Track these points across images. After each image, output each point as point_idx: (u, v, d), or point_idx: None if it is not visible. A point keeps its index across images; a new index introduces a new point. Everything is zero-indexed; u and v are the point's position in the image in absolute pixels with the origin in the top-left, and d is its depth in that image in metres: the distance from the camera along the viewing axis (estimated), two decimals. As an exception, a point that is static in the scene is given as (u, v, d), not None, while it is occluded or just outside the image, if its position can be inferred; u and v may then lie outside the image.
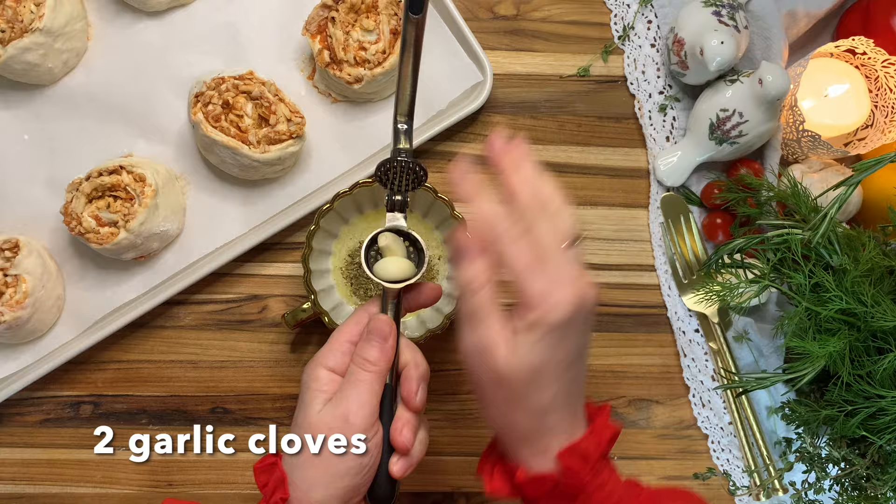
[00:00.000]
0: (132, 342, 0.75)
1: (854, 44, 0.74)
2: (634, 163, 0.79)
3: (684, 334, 0.77)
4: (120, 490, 0.74)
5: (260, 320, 0.76)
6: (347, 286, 0.74)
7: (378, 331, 0.56)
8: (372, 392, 0.55)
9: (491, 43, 0.79)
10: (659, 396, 0.77)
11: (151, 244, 0.71)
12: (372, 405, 0.55)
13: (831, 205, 0.64)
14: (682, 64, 0.74)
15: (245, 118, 0.70)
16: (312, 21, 0.72)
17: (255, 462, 0.57)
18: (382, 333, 0.56)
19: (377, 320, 0.56)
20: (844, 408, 0.65)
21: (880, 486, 0.65)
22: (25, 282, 0.68)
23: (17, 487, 0.74)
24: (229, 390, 0.75)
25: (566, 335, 0.49)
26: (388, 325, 0.56)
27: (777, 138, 0.75)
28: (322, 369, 0.56)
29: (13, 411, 0.74)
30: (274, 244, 0.76)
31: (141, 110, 0.74)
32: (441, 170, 0.78)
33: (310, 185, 0.75)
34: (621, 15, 0.80)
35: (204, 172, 0.75)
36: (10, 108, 0.74)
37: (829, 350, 0.63)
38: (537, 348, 0.49)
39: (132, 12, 0.75)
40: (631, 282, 0.78)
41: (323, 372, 0.56)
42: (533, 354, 0.49)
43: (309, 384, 0.56)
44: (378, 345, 0.56)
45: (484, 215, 0.52)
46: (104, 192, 0.69)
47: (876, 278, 0.65)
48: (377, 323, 0.56)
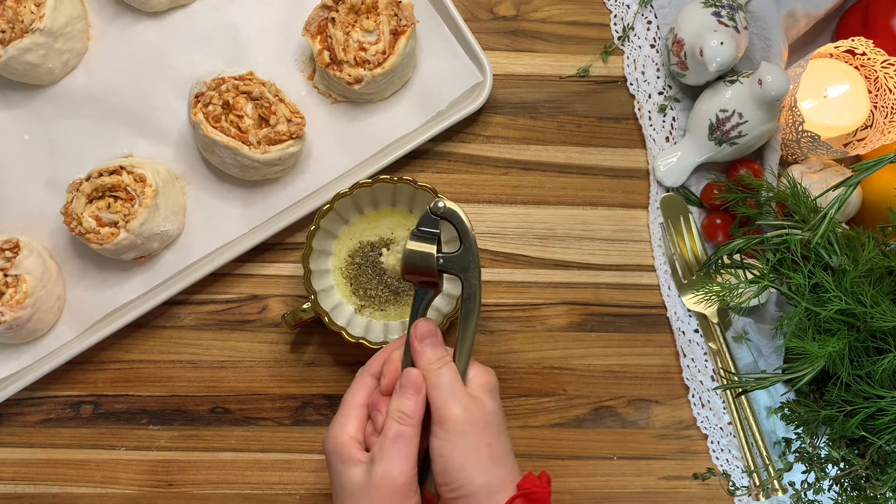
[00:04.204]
0: (132, 342, 0.75)
1: (854, 44, 0.74)
2: (634, 163, 0.79)
3: (684, 334, 0.77)
4: (120, 490, 0.74)
5: (260, 320, 0.76)
6: (347, 286, 0.74)
7: (412, 384, 0.58)
8: (414, 445, 0.57)
9: (491, 43, 0.79)
10: (658, 396, 0.77)
11: (152, 244, 0.71)
12: (414, 458, 0.56)
13: (831, 205, 0.64)
14: (682, 64, 0.74)
15: (245, 118, 0.70)
16: (312, 21, 0.72)
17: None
18: (416, 385, 0.58)
19: (410, 374, 0.58)
20: (844, 408, 0.65)
21: (880, 487, 0.65)
22: (26, 282, 0.68)
23: (17, 487, 0.74)
24: (229, 390, 0.75)
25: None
26: (420, 378, 0.58)
27: (776, 139, 0.75)
28: (347, 437, 0.58)
29: (13, 411, 0.74)
30: (274, 244, 0.76)
31: (141, 111, 0.74)
32: (441, 170, 0.78)
33: (310, 186, 0.75)
34: (621, 15, 0.80)
35: (204, 172, 0.75)
36: (11, 108, 0.74)
37: (828, 350, 0.64)
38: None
39: (132, 12, 0.75)
40: (630, 282, 0.78)
41: (349, 440, 0.57)
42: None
43: (339, 454, 0.57)
44: (413, 397, 0.57)
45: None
46: (104, 193, 0.69)
47: (875, 279, 0.65)
48: (410, 376, 0.58)
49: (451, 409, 0.56)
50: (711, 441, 0.77)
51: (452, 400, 0.57)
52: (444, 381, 0.57)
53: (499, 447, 0.58)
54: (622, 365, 0.77)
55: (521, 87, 0.79)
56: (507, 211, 0.78)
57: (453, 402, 0.57)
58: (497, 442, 0.58)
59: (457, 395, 0.57)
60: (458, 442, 0.56)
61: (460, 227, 0.60)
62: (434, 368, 0.58)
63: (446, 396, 0.57)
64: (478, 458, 0.56)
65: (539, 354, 0.77)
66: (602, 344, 0.78)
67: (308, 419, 0.75)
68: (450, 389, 0.57)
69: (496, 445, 0.58)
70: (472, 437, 0.56)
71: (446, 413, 0.56)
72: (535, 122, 0.79)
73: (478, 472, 0.56)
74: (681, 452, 0.77)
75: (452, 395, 0.57)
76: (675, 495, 0.77)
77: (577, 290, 0.78)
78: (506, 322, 0.77)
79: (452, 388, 0.57)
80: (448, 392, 0.57)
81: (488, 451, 0.57)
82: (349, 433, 0.58)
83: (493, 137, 0.79)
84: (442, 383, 0.57)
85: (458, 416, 0.56)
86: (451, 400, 0.57)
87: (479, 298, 0.60)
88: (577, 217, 0.78)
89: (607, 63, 0.80)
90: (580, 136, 0.79)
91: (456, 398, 0.57)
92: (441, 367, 0.58)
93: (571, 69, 0.80)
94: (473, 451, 0.56)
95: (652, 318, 0.78)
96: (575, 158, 0.79)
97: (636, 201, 0.79)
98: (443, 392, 0.57)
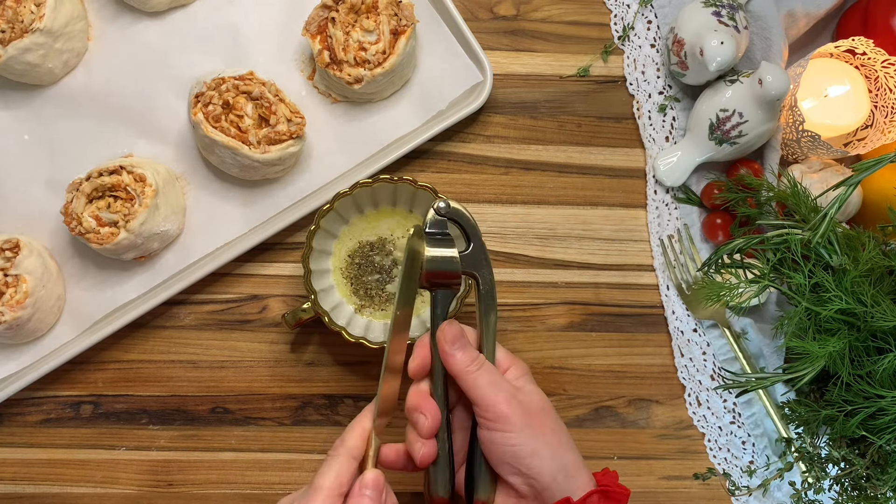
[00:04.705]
0: (132, 342, 0.75)
1: (854, 44, 0.74)
2: (634, 163, 0.79)
3: (682, 334, 0.77)
4: (120, 490, 0.74)
5: (260, 320, 0.76)
6: (347, 286, 0.74)
7: (373, 484, 0.54)
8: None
9: (491, 43, 0.79)
10: (659, 396, 0.77)
11: (152, 244, 0.71)
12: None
13: (831, 205, 0.64)
14: (682, 64, 0.74)
15: (245, 118, 0.70)
16: (312, 21, 0.72)
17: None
18: (378, 487, 0.54)
19: (369, 474, 0.55)
20: (844, 408, 0.65)
21: (880, 486, 0.65)
22: (26, 282, 0.68)
23: (17, 487, 0.74)
24: (229, 390, 0.75)
25: None
26: (381, 479, 0.55)
27: (777, 138, 0.75)
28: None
29: (13, 411, 0.74)
30: (274, 244, 0.76)
31: (141, 110, 0.74)
32: (441, 170, 0.78)
33: (310, 185, 0.75)
34: (621, 15, 0.80)
35: (204, 172, 0.75)
36: (11, 108, 0.74)
37: (828, 350, 0.63)
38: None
39: (132, 12, 0.75)
40: (631, 282, 0.78)
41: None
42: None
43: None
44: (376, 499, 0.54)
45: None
46: (104, 193, 0.69)
47: (876, 278, 0.65)
48: (366, 479, 0.55)
49: (504, 405, 0.55)
50: (708, 440, 0.77)
51: (502, 394, 0.56)
52: (487, 380, 0.56)
53: (561, 431, 0.57)
54: (622, 365, 0.77)
55: (522, 87, 0.79)
56: (508, 211, 0.78)
57: (504, 396, 0.55)
58: (557, 425, 0.57)
59: (505, 389, 0.56)
60: (523, 432, 0.55)
61: (468, 225, 0.60)
62: (472, 371, 0.56)
63: (495, 394, 0.55)
64: (547, 442, 0.55)
65: (539, 354, 0.77)
66: (602, 344, 0.77)
67: (308, 419, 0.75)
68: (495, 387, 0.56)
69: (558, 429, 0.57)
70: (534, 423, 0.56)
71: (501, 410, 0.55)
72: (536, 121, 0.79)
73: (551, 457, 0.55)
74: (681, 452, 0.77)
75: (500, 390, 0.56)
76: (676, 495, 0.77)
77: (578, 290, 0.78)
78: (506, 322, 0.77)
79: (497, 384, 0.56)
80: (495, 389, 0.56)
81: (555, 435, 0.56)
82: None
83: (493, 137, 0.79)
84: (485, 382, 0.56)
85: (514, 409, 0.55)
86: (500, 395, 0.56)
87: (495, 294, 0.60)
88: (577, 217, 0.78)
89: (607, 63, 0.80)
90: (580, 135, 0.79)
91: (505, 392, 0.56)
92: (478, 368, 0.57)
93: (571, 69, 0.80)
94: (540, 435, 0.55)
95: (652, 317, 0.78)
96: (575, 158, 0.79)
97: (636, 201, 0.79)
98: (489, 391, 0.56)
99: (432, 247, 0.59)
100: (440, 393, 0.58)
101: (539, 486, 0.55)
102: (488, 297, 0.60)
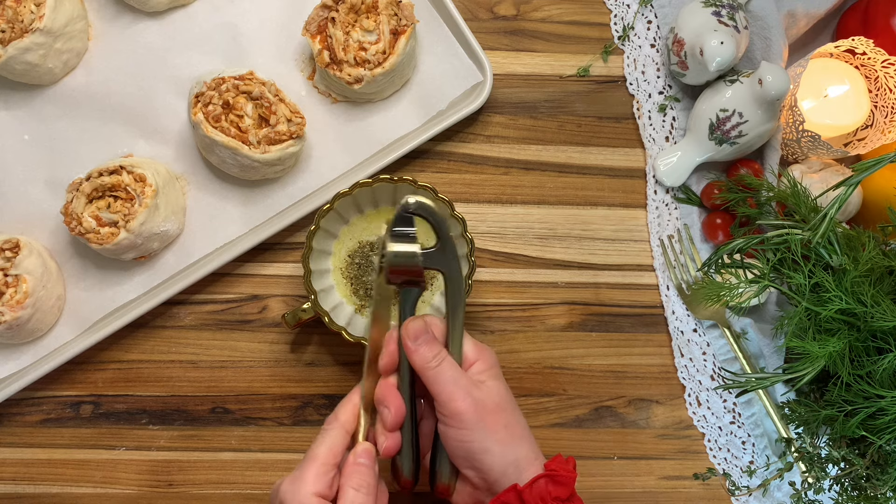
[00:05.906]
0: (132, 342, 0.75)
1: (854, 44, 0.74)
2: (634, 163, 0.79)
3: (682, 334, 0.77)
4: (120, 490, 0.74)
5: (260, 320, 0.76)
6: (347, 286, 0.74)
7: (367, 454, 0.58)
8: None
9: (491, 43, 0.79)
10: (659, 396, 0.77)
11: (152, 244, 0.71)
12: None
13: (831, 205, 0.64)
14: (682, 64, 0.74)
15: (245, 118, 0.70)
16: (312, 21, 0.72)
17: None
18: (371, 456, 0.58)
19: (361, 445, 0.58)
20: (844, 408, 0.65)
21: (880, 486, 0.65)
22: (26, 282, 0.68)
23: (17, 487, 0.74)
24: (229, 390, 0.75)
25: None
26: (371, 450, 0.58)
27: (777, 138, 0.75)
28: (309, 494, 0.55)
29: (13, 411, 0.74)
30: (274, 244, 0.76)
31: (141, 110, 0.74)
32: (441, 170, 0.78)
33: (310, 186, 0.75)
34: (621, 15, 0.80)
35: (204, 172, 0.75)
36: (10, 108, 0.74)
37: (828, 350, 0.64)
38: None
39: (132, 12, 0.75)
40: (631, 282, 0.78)
41: (313, 498, 0.55)
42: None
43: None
44: (371, 468, 0.57)
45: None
46: (104, 193, 0.69)
47: (876, 278, 0.65)
48: (362, 447, 0.58)
49: (461, 402, 0.57)
50: (708, 440, 0.77)
51: (459, 392, 0.57)
52: (446, 377, 0.57)
53: (517, 425, 0.59)
54: (622, 365, 0.77)
55: (522, 87, 0.79)
56: (507, 211, 0.78)
57: (460, 394, 0.57)
58: (513, 420, 0.59)
59: (463, 387, 0.57)
60: (476, 429, 0.56)
61: (434, 221, 0.60)
62: (433, 367, 0.58)
63: (452, 391, 0.57)
64: (499, 439, 0.57)
65: (539, 354, 0.77)
66: (602, 344, 0.77)
67: (308, 419, 0.75)
68: (454, 383, 0.57)
69: (514, 423, 0.58)
70: (488, 421, 0.57)
71: (456, 407, 0.57)
72: (535, 121, 0.79)
73: (501, 453, 0.57)
74: (681, 452, 0.77)
75: (458, 387, 0.57)
76: (675, 495, 0.77)
77: (578, 290, 0.78)
78: (506, 322, 0.77)
79: (456, 381, 0.57)
80: (453, 386, 0.57)
81: (508, 432, 0.58)
82: (314, 489, 0.55)
83: (493, 137, 0.79)
84: (445, 379, 0.57)
85: (469, 407, 0.57)
86: (457, 393, 0.57)
87: (463, 289, 0.61)
88: (577, 217, 0.78)
89: (607, 63, 0.80)
90: (580, 135, 0.79)
91: (462, 389, 0.57)
92: (439, 363, 0.58)
93: (571, 69, 0.80)
94: (493, 433, 0.57)
95: (652, 317, 0.78)
96: (575, 158, 0.79)
97: (636, 201, 0.79)
98: (448, 388, 0.57)
99: (393, 243, 0.60)
100: (405, 387, 0.59)
101: (490, 480, 0.57)
102: (456, 294, 0.60)
